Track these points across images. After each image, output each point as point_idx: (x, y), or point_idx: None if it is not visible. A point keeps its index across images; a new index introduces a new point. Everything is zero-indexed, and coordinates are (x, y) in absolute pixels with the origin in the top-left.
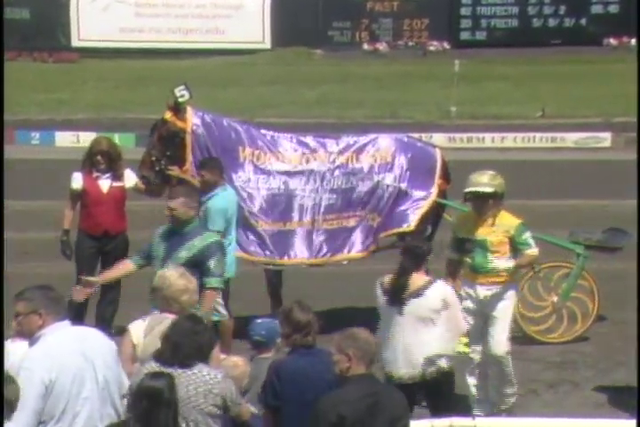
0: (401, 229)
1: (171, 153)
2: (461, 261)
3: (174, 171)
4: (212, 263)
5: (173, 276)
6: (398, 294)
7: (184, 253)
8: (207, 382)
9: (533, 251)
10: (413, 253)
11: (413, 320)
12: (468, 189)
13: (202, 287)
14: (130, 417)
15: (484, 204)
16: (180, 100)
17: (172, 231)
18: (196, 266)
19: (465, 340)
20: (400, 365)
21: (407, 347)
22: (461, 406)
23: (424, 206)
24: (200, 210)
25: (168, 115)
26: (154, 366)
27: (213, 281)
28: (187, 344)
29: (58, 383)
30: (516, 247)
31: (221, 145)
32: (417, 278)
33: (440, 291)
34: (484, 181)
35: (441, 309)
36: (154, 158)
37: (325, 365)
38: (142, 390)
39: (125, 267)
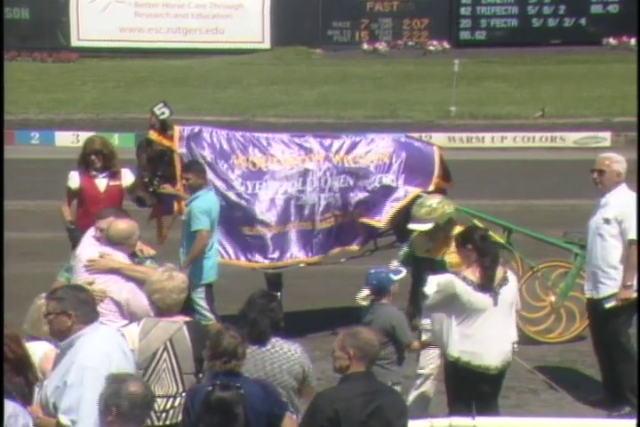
0: (370, 221)
1: (162, 172)
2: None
3: (166, 188)
4: None
5: (160, 276)
6: (493, 282)
7: None
8: (289, 358)
9: None
10: (490, 242)
11: (505, 308)
12: (410, 226)
13: None
14: None
15: (429, 234)
16: (162, 117)
17: None
18: None
19: None
20: (494, 356)
21: (502, 336)
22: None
23: (400, 204)
24: (183, 213)
25: (153, 135)
26: None
27: None
28: (263, 322)
29: None
30: None
31: (214, 156)
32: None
33: (513, 275)
34: (423, 216)
35: (517, 292)
36: (146, 180)
37: (252, 395)
38: (213, 403)
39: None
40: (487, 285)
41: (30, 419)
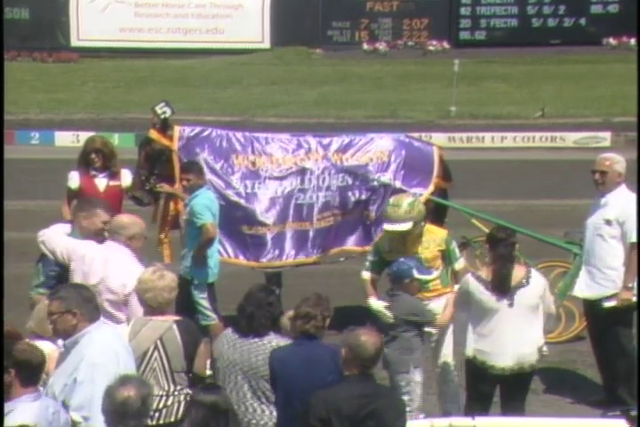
0: None
1: (159, 171)
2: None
3: (163, 187)
4: None
5: (151, 276)
6: (507, 286)
7: None
8: None
9: (461, 265)
10: (506, 242)
11: (524, 310)
12: (387, 228)
13: None
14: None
15: (407, 235)
16: (163, 117)
17: None
18: None
19: None
20: (508, 357)
21: (518, 338)
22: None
23: None
24: (184, 212)
25: (153, 133)
26: (231, 335)
27: None
28: (261, 315)
29: None
30: (448, 259)
31: (213, 156)
32: (517, 269)
33: (540, 277)
34: (402, 216)
35: (543, 294)
36: (143, 178)
37: (319, 358)
38: (197, 403)
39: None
40: (499, 286)
41: (69, 416)
